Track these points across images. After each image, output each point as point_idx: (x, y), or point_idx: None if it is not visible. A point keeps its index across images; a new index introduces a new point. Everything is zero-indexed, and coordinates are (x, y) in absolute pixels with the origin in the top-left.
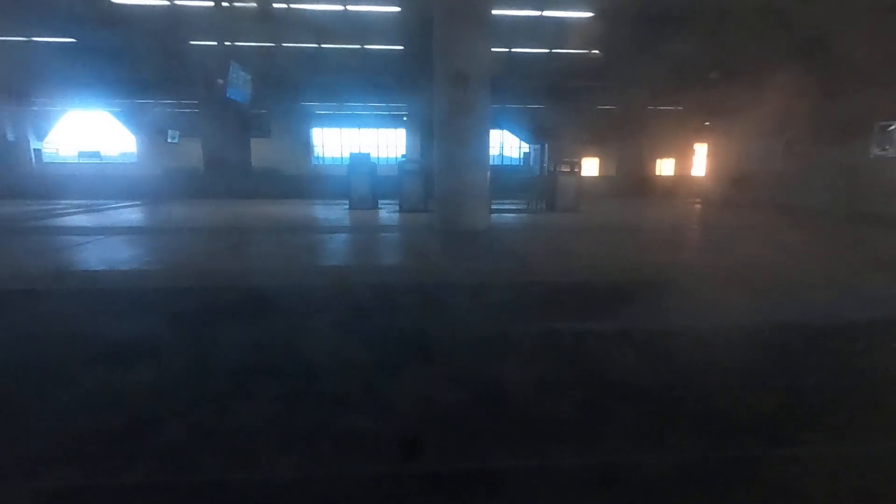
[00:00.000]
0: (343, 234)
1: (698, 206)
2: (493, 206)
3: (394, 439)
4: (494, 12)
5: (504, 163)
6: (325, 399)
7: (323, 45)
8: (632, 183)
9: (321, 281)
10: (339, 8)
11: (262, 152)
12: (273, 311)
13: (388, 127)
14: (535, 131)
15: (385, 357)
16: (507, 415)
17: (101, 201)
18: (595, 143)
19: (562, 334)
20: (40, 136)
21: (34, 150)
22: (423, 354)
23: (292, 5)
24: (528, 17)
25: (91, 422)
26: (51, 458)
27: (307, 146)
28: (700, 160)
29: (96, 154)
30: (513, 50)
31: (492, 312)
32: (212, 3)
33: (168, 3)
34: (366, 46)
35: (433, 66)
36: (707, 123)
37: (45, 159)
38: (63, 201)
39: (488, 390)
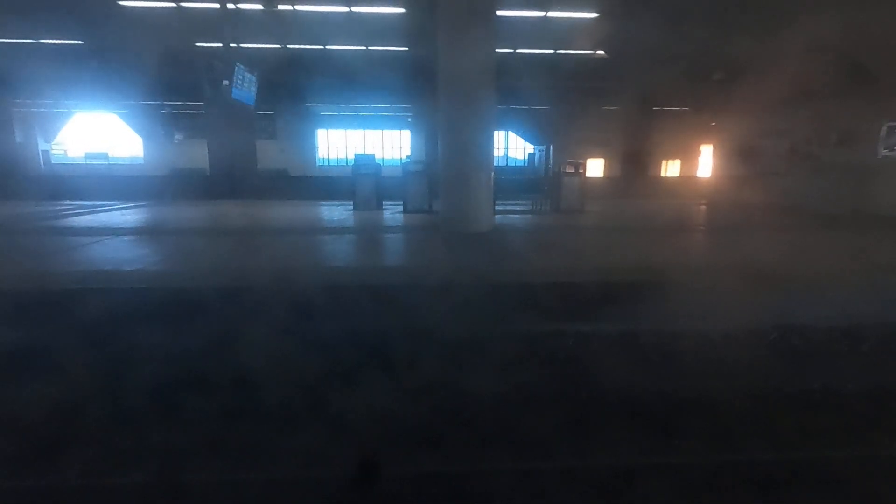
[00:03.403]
0: (348, 235)
1: (702, 207)
2: (498, 207)
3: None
4: (499, 13)
5: (509, 164)
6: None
7: (328, 47)
8: (637, 184)
9: (321, 281)
10: (344, 9)
11: (267, 153)
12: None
13: (392, 128)
14: (539, 132)
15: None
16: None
17: (106, 202)
18: (600, 144)
19: (564, 335)
20: (48, 138)
21: (42, 151)
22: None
23: (297, 7)
24: (533, 17)
25: None
26: None
27: (312, 147)
28: (706, 161)
29: (103, 155)
30: (517, 51)
31: (492, 313)
32: (217, 5)
33: (174, 4)
34: (370, 48)
35: (437, 66)
36: (713, 125)
37: (53, 161)
38: (68, 202)
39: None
